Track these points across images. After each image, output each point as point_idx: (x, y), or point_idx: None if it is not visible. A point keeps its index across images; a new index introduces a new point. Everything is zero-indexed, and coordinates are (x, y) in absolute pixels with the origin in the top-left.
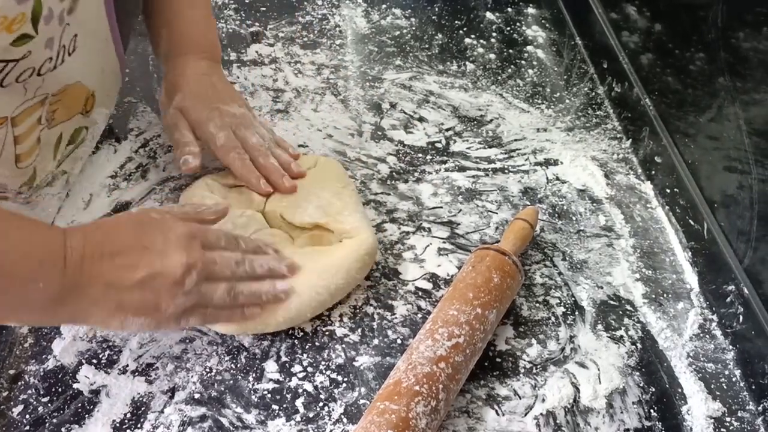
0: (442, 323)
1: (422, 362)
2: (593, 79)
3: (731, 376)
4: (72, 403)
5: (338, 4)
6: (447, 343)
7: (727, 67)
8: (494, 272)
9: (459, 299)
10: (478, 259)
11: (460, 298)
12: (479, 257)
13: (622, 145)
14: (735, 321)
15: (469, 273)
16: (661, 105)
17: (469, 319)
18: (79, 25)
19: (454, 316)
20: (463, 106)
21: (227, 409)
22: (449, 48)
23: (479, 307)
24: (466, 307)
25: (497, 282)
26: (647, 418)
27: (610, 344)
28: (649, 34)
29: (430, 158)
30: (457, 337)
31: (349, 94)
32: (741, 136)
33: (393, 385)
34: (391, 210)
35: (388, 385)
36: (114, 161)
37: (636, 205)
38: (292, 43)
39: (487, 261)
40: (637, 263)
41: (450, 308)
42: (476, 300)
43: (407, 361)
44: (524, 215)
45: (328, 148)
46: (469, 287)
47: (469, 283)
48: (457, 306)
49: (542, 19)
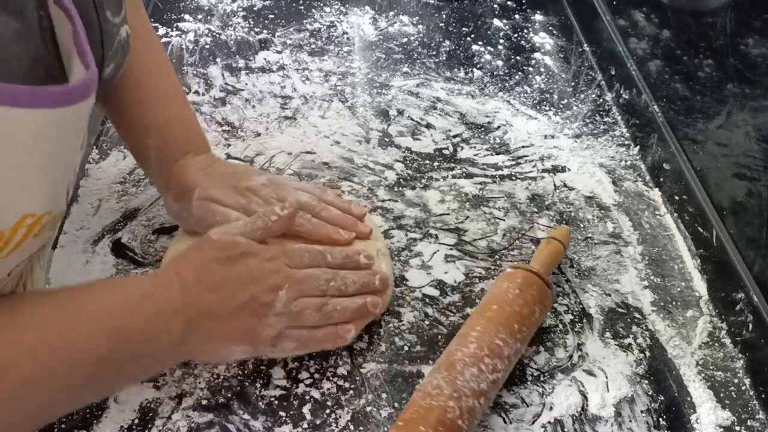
0: (489, 352)
1: (467, 394)
2: (601, 85)
3: (741, 385)
4: (80, 409)
5: (346, 12)
6: (490, 376)
7: (735, 73)
8: (537, 305)
9: (505, 328)
10: (526, 282)
11: (507, 327)
12: (527, 281)
13: (630, 152)
14: (744, 329)
15: (516, 298)
16: (669, 112)
17: (510, 353)
18: None
19: (499, 347)
20: (471, 112)
21: (234, 416)
22: (456, 55)
23: (520, 341)
24: (510, 339)
25: (537, 317)
26: (656, 426)
27: (618, 352)
28: (657, 40)
29: (437, 165)
30: (498, 372)
31: (356, 101)
32: (750, 143)
33: (439, 413)
34: (398, 216)
35: (431, 407)
36: (122, 167)
37: (644, 212)
38: (300, 50)
39: (533, 290)
40: (646, 271)
41: (497, 336)
42: (519, 334)
43: (452, 384)
44: (562, 237)
45: (336, 155)
46: (516, 317)
47: (516, 310)
48: (502, 336)
49: (550, 26)
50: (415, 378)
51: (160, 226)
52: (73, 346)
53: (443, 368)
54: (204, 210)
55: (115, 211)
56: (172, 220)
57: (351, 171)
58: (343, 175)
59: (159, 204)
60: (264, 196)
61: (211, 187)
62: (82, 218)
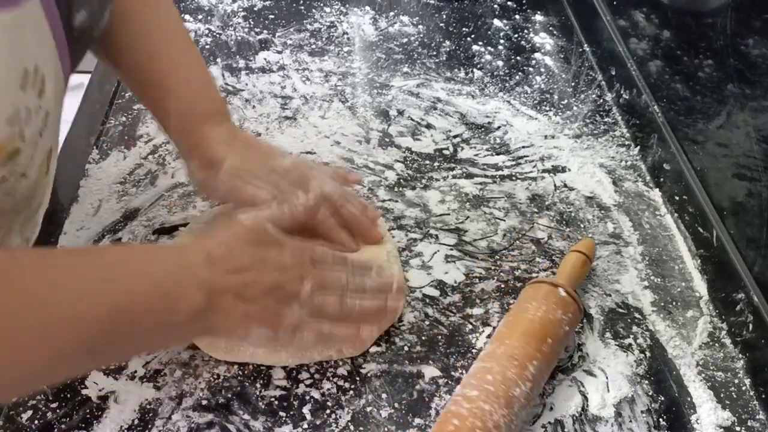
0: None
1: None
2: (601, 86)
3: (741, 385)
4: (80, 409)
5: (346, 12)
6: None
7: (735, 74)
8: (573, 332)
9: (545, 356)
10: (567, 307)
11: (548, 355)
12: (566, 306)
13: (630, 152)
14: (745, 329)
15: (561, 322)
16: (669, 112)
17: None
18: (48, 101)
19: (536, 378)
20: (471, 113)
21: (234, 416)
22: (457, 55)
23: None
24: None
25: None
26: (656, 427)
27: (618, 352)
28: (657, 41)
29: (437, 165)
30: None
31: (356, 101)
32: (750, 143)
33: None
34: (398, 217)
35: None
36: (123, 167)
37: (644, 212)
38: (300, 51)
39: (570, 315)
40: (646, 271)
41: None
42: (553, 363)
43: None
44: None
45: (336, 155)
46: (557, 344)
47: (561, 337)
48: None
49: (550, 26)
50: (415, 378)
51: (160, 226)
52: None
53: (504, 402)
54: (233, 185)
55: (115, 211)
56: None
57: (351, 171)
58: None
59: (159, 204)
60: (291, 180)
61: (239, 161)
62: (83, 218)
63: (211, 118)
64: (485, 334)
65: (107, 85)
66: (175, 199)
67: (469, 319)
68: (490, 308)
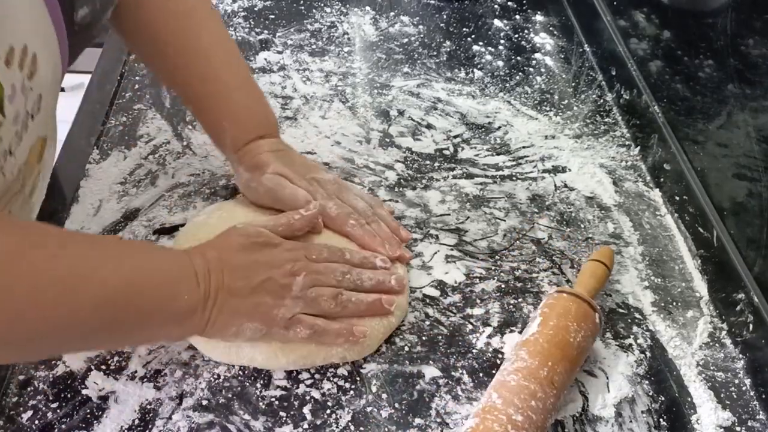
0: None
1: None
2: (601, 86)
3: (741, 385)
4: (81, 409)
5: (346, 12)
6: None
7: (736, 74)
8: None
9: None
10: (596, 334)
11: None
12: (596, 333)
13: (630, 153)
14: (745, 329)
15: (587, 339)
16: (669, 112)
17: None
18: (41, 84)
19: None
20: (471, 113)
21: (235, 416)
22: (457, 55)
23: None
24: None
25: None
26: (656, 427)
27: (618, 353)
28: (657, 41)
29: (437, 165)
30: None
31: (357, 102)
32: (750, 144)
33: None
34: (398, 217)
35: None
36: (123, 167)
37: (644, 212)
38: (301, 51)
39: (591, 327)
40: (646, 271)
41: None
42: (573, 378)
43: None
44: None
45: (336, 155)
46: (580, 357)
47: (580, 352)
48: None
49: (550, 27)
50: (416, 378)
51: (161, 226)
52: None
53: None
54: (275, 183)
55: (115, 211)
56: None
57: (351, 171)
58: (344, 176)
59: (159, 204)
60: (329, 191)
61: (282, 167)
62: (83, 218)
63: (264, 134)
64: (485, 334)
65: (107, 85)
66: (176, 200)
67: (470, 320)
68: (490, 308)
